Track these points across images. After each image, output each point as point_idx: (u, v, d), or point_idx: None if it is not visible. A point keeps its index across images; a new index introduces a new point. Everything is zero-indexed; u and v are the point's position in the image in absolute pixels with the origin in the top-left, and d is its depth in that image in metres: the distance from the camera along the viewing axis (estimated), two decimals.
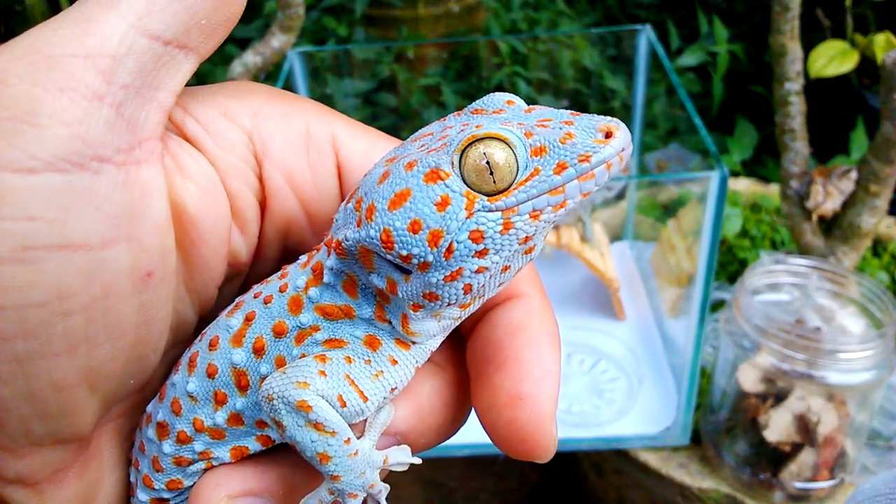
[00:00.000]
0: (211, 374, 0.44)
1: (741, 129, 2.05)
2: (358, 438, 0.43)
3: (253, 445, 0.45)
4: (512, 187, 0.39)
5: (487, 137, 0.39)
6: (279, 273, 0.46)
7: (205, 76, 1.80)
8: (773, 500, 1.28)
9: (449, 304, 0.41)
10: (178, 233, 0.42)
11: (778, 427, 1.25)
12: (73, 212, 0.36)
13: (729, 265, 1.70)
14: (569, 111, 0.41)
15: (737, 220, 1.71)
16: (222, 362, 0.44)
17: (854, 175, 1.33)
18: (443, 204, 0.38)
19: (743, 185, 1.86)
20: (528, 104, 0.43)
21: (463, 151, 0.39)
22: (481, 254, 0.39)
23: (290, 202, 0.46)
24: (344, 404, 0.41)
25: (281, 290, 0.44)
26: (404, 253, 0.39)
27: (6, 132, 0.35)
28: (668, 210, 1.62)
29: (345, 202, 0.42)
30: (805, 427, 1.23)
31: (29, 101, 0.35)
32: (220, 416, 0.44)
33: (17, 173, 0.35)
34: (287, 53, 1.47)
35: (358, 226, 0.40)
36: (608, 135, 0.39)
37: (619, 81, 1.84)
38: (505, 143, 0.38)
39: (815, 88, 1.74)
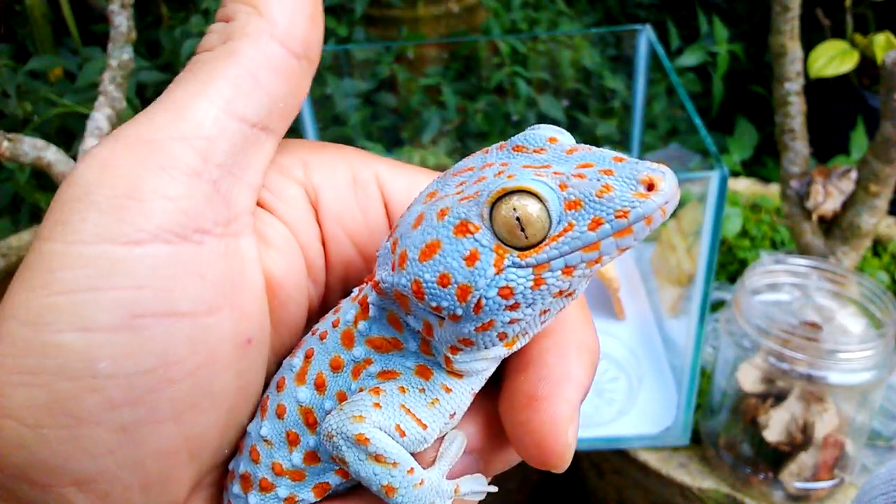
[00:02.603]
0: (280, 415, 0.44)
1: (741, 129, 2.05)
2: (426, 468, 0.43)
3: (333, 480, 0.45)
4: (544, 242, 0.37)
5: (520, 191, 0.37)
6: (334, 308, 0.46)
7: None
8: (773, 500, 1.28)
9: (487, 348, 0.41)
10: (269, 297, 0.44)
11: (778, 427, 1.25)
12: (180, 280, 0.38)
13: (729, 265, 1.69)
14: (613, 154, 0.39)
15: (737, 220, 1.71)
16: (289, 402, 0.44)
17: (854, 175, 1.33)
18: (471, 259, 0.38)
19: (743, 185, 1.86)
20: (569, 143, 0.41)
21: (494, 204, 0.37)
22: (512, 308, 0.38)
23: (346, 247, 0.47)
24: (403, 433, 0.41)
25: (334, 325, 0.45)
26: (434, 305, 0.39)
27: (113, 208, 0.37)
28: None
29: (386, 238, 0.42)
30: (802, 431, 1.23)
31: (133, 180, 0.37)
32: (297, 457, 0.44)
33: (125, 245, 0.37)
34: None
35: (392, 270, 0.40)
36: (651, 187, 0.37)
37: (618, 81, 1.84)
38: (537, 196, 0.37)
39: (815, 88, 1.74)
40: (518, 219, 0.37)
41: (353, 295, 0.45)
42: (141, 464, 0.39)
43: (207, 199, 0.39)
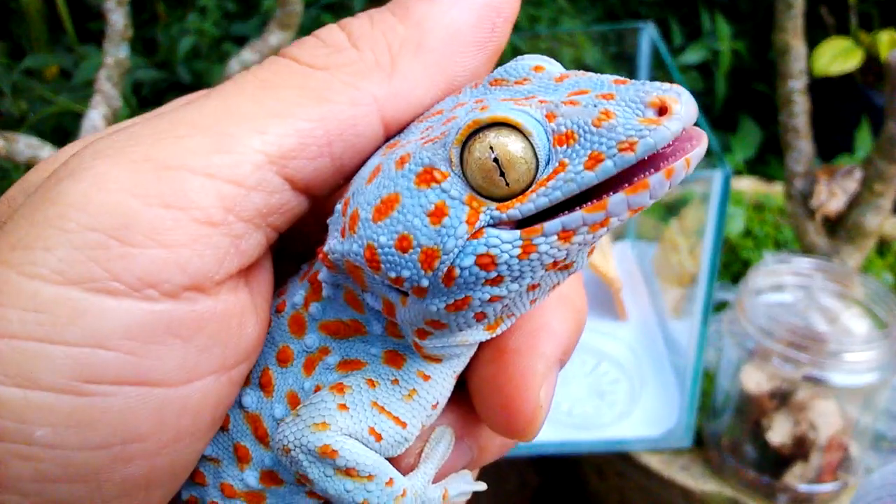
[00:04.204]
0: (224, 426, 0.37)
1: (744, 128, 2.04)
2: (408, 474, 0.36)
3: (305, 503, 0.38)
4: (530, 189, 0.29)
5: (496, 124, 0.29)
6: (279, 290, 0.38)
7: (202, 74, 1.78)
8: (776, 502, 1.27)
9: (462, 331, 0.33)
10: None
11: (781, 429, 1.24)
12: (155, 344, 0.30)
13: (732, 265, 1.68)
14: (614, 78, 0.30)
15: (740, 220, 1.69)
16: (232, 409, 0.37)
17: (858, 174, 1.32)
18: (437, 214, 0.30)
19: (746, 185, 1.84)
20: (560, 71, 0.33)
21: (465, 143, 0.29)
22: (494, 282, 0.30)
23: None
24: (379, 437, 0.34)
25: (278, 311, 0.37)
26: (392, 276, 0.31)
27: (88, 244, 0.29)
28: (671, 209, 1.61)
29: (340, 201, 0.34)
30: (806, 434, 1.22)
31: (124, 213, 0.29)
32: (251, 476, 0.37)
33: (93, 293, 0.29)
34: None
35: (342, 236, 0.32)
36: (662, 110, 0.28)
37: None
38: (519, 130, 0.29)
39: (819, 86, 1.72)
40: (496, 160, 0.29)
41: (301, 272, 0.37)
42: None
43: (219, 255, 0.31)
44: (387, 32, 0.34)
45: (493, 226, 0.30)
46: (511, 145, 0.29)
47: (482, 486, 0.38)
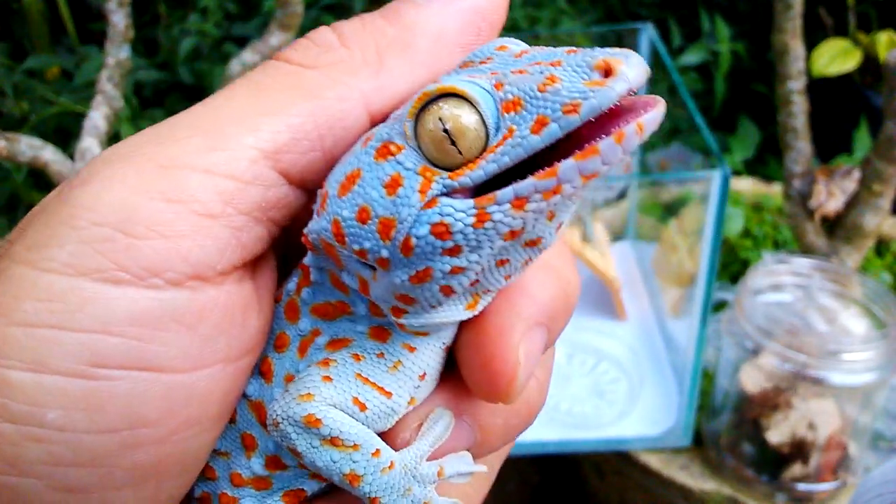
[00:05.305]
0: (232, 419, 0.38)
1: (743, 129, 2.04)
2: (401, 450, 0.36)
3: (309, 486, 0.38)
4: (480, 157, 0.30)
5: (444, 95, 0.30)
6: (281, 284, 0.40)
7: (203, 75, 1.79)
8: (775, 502, 1.27)
9: (435, 308, 0.34)
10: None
11: (780, 429, 1.24)
12: (160, 331, 0.32)
13: (731, 265, 1.68)
14: (567, 49, 0.31)
15: (739, 220, 1.70)
16: (239, 401, 0.38)
17: (857, 175, 1.32)
18: (392, 185, 0.31)
19: (745, 185, 1.85)
20: (521, 48, 0.34)
21: (418, 117, 0.31)
22: (452, 252, 0.31)
23: None
24: (364, 407, 0.35)
25: (276, 300, 0.38)
26: (356, 248, 0.32)
27: (95, 238, 0.31)
28: (670, 209, 1.61)
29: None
30: (805, 433, 1.22)
31: (127, 208, 0.31)
32: (257, 463, 0.38)
33: (99, 282, 0.31)
34: None
35: (317, 216, 0.34)
36: (608, 72, 0.29)
37: None
38: (468, 101, 0.30)
39: (818, 87, 1.73)
40: (446, 131, 0.30)
41: (300, 264, 0.38)
42: None
43: (220, 245, 0.33)
44: (376, 33, 0.36)
45: (447, 195, 0.31)
46: (461, 115, 0.30)
47: (482, 468, 0.38)
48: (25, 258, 0.32)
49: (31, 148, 1.16)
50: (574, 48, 0.31)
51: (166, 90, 1.86)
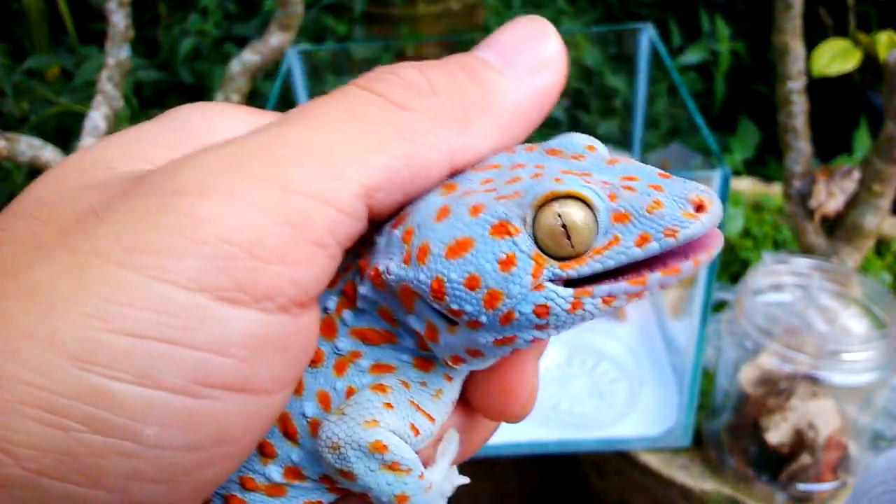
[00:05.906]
0: None
1: (743, 129, 2.04)
2: (428, 468, 0.39)
3: (326, 497, 0.40)
4: (587, 254, 0.34)
5: (568, 196, 0.34)
6: None
7: (204, 75, 1.79)
8: (775, 502, 1.27)
9: (493, 359, 0.38)
10: None
11: (780, 429, 1.24)
12: (265, 354, 0.32)
13: (731, 265, 1.69)
14: (657, 171, 0.36)
15: (739, 220, 1.70)
16: None
17: (857, 175, 1.32)
18: (507, 263, 0.34)
19: (745, 185, 1.85)
20: (607, 154, 0.38)
21: (539, 208, 0.34)
22: (540, 327, 0.35)
23: None
24: (417, 432, 0.38)
25: None
26: (455, 307, 0.35)
27: (220, 255, 0.31)
28: None
29: (390, 224, 0.37)
30: (805, 433, 1.22)
31: (255, 228, 0.31)
32: (275, 471, 0.39)
33: (218, 301, 0.31)
34: (286, 52, 1.46)
35: (405, 263, 0.36)
36: (700, 207, 0.34)
37: (620, 80, 1.83)
38: (587, 204, 0.34)
39: (818, 87, 1.73)
40: (564, 226, 0.33)
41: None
42: None
43: (321, 275, 0.33)
44: (460, 88, 0.36)
45: (553, 281, 0.34)
46: (576, 215, 0.34)
47: (466, 480, 0.42)
48: (125, 262, 0.30)
49: (31, 148, 1.16)
50: (666, 172, 0.36)
51: (166, 90, 1.87)
